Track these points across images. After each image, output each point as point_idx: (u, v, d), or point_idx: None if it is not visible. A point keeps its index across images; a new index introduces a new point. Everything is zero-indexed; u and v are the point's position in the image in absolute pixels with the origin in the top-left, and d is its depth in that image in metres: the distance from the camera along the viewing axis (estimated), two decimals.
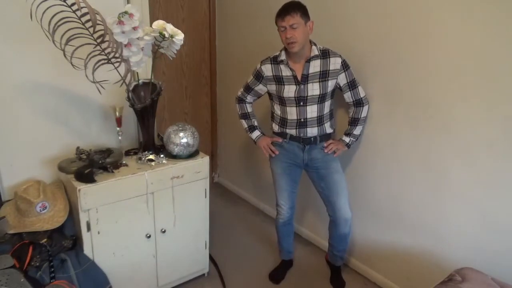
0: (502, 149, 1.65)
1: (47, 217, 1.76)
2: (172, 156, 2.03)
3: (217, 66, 3.28)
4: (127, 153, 2.09)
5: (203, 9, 3.11)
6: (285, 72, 1.98)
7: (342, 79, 2.00)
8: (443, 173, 1.87)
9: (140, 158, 1.99)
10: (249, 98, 2.19)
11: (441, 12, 1.74)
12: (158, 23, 1.69)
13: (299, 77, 1.97)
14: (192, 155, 2.06)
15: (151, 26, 1.71)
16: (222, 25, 3.14)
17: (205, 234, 2.24)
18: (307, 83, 1.96)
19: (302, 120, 2.02)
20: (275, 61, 2.01)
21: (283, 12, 1.85)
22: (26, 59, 1.83)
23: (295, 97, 1.99)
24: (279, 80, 2.01)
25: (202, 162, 2.07)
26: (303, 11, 1.86)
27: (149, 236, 1.99)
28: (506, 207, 1.68)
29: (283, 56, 1.97)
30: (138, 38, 1.70)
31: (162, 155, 2.00)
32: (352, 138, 2.11)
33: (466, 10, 1.66)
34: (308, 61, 1.95)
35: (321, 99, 1.99)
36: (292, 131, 2.07)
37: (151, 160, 1.97)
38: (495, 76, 1.62)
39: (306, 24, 1.88)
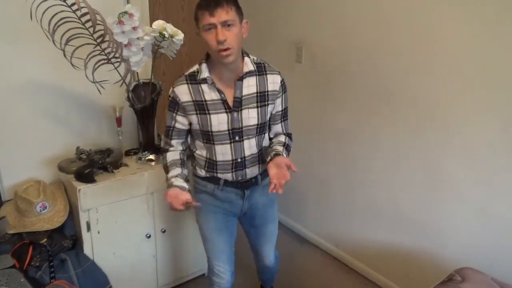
0: (502, 149, 1.65)
1: (47, 217, 1.76)
2: None
3: None
4: (127, 153, 2.09)
5: None
6: (209, 95, 1.41)
7: (277, 105, 1.52)
8: (443, 173, 1.87)
9: (140, 158, 1.99)
10: (174, 144, 1.53)
11: (441, 12, 1.74)
12: (158, 23, 1.69)
13: (230, 102, 1.42)
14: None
15: (151, 26, 1.71)
16: None
17: None
18: (241, 110, 1.43)
19: (239, 160, 1.49)
20: (192, 80, 1.41)
21: (212, 2, 1.27)
22: (26, 59, 1.83)
23: (228, 130, 1.44)
24: (201, 107, 1.41)
25: None
26: (237, 5, 1.33)
27: (149, 236, 1.99)
28: (506, 207, 1.68)
29: (205, 73, 1.39)
30: (138, 38, 1.70)
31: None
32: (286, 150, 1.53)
33: (466, 10, 1.66)
34: (241, 79, 1.42)
35: (260, 130, 1.50)
36: (226, 175, 1.52)
37: (151, 160, 1.97)
38: (495, 76, 1.62)
39: (241, 23, 1.35)
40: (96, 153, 1.90)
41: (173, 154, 1.53)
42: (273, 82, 1.48)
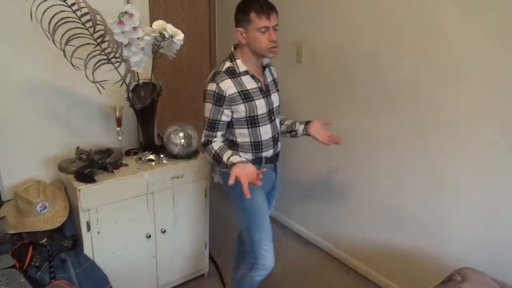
0: (502, 149, 1.65)
1: (47, 217, 1.76)
2: (172, 156, 2.03)
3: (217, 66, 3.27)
4: (127, 153, 2.09)
5: (203, 9, 3.11)
6: (250, 85, 1.65)
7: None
8: (443, 173, 1.87)
9: (140, 158, 1.99)
10: (219, 136, 1.68)
11: (442, 12, 1.74)
12: (158, 23, 1.69)
13: (263, 88, 1.69)
14: (192, 155, 2.06)
15: (151, 26, 1.71)
16: (222, 25, 3.14)
17: (205, 234, 2.24)
18: (270, 94, 1.73)
19: (275, 136, 1.76)
20: (231, 74, 1.62)
21: (269, 8, 1.55)
22: (26, 59, 1.83)
23: (267, 112, 1.70)
24: (247, 96, 1.63)
25: (202, 162, 2.07)
26: None
27: (149, 236, 1.99)
28: (506, 207, 1.68)
29: (243, 67, 1.64)
30: (138, 38, 1.70)
31: (162, 155, 2.00)
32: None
33: (466, 11, 1.66)
34: (264, 69, 1.73)
35: (279, 110, 1.81)
36: (269, 152, 1.75)
37: (151, 160, 1.97)
38: (495, 76, 1.62)
39: None
40: (96, 153, 1.90)
41: (217, 143, 1.66)
42: (275, 71, 1.81)
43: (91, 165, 1.82)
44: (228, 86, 1.59)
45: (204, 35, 3.18)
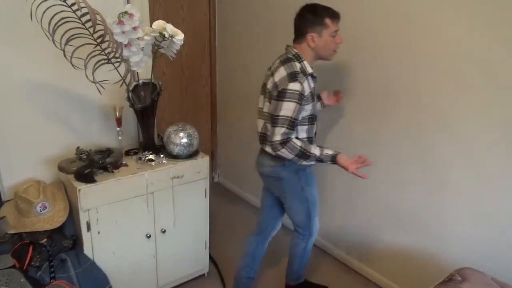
0: (501, 149, 1.65)
1: (47, 217, 1.76)
2: (172, 156, 2.03)
3: (217, 66, 3.28)
4: (127, 153, 2.09)
5: (203, 9, 3.11)
6: (312, 85, 1.75)
7: None
8: (443, 173, 1.87)
9: (140, 158, 1.99)
10: (294, 133, 1.74)
11: (441, 12, 1.74)
12: (158, 23, 1.69)
13: None
14: (192, 155, 2.06)
15: (151, 26, 1.71)
16: (222, 25, 3.14)
17: (205, 234, 2.24)
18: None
19: (315, 132, 1.91)
20: (305, 75, 1.70)
21: (339, 15, 1.70)
22: (26, 59, 1.83)
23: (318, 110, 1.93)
24: (312, 95, 1.76)
25: (202, 162, 2.07)
26: None
27: (149, 236, 1.99)
28: (506, 207, 1.68)
29: (309, 68, 1.73)
30: (138, 38, 1.70)
31: (162, 155, 2.00)
32: None
33: (466, 11, 1.66)
34: None
35: None
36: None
37: (151, 160, 1.97)
38: (495, 76, 1.62)
39: None
40: (96, 153, 1.90)
41: (296, 140, 1.72)
42: None
43: (91, 165, 1.82)
44: (306, 86, 1.69)
45: (204, 35, 3.18)
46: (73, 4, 1.52)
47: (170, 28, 1.69)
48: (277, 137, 1.67)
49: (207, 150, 3.47)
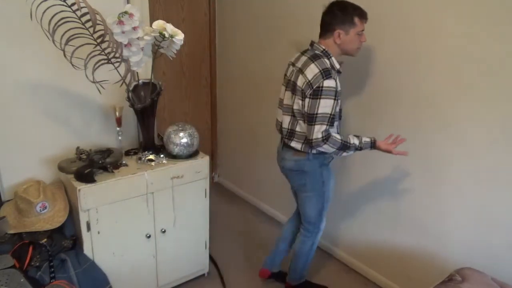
0: (502, 149, 1.65)
1: (47, 217, 1.76)
2: (172, 156, 2.03)
3: (217, 66, 3.28)
4: (127, 153, 2.09)
5: (203, 9, 3.11)
6: (339, 80, 1.76)
7: None
8: (443, 173, 1.87)
9: (140, 158, 1.99)
10: (334, 128, 1.80)
11: (442, 11, 1.74)
12: (158, 23, 1.69)
13: None
14: (192, 155, 2.06)
15: (151, 26, 1.71)
16: (222, 25, 3.14)
17: (205, 234, 2.24)
18: None
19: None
20: (334, 70, 1.72)
21: (367, 15, 1.72)
22: (26, 59, 1.83)
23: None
24: (341, 92, 1.77)
25: (202, 162, 2.07)
26: None
27: (149, 236, 1.99)
28: (506, 206, 1.68)
29: (337, 65, 1.75)
30: (138, 38, 1.70)
31: (162, 155, 2.00)
32: None
33: (466, 10, 1.66)
34: None
35: None
36: None
37: (151, 160, 1.97)
38: (495, 75, 1.62)
39: None
40: (96, 153, 1.90)
41: (335, 134, 1.75)
42: None
43: (91, 165, 1.82)
44: (339, 82, 1.71)
45: (204, 35, 3.18)
46: (73, 4, 1.52)
47: (170, 28, 1.69)
48: (319, 135, 1.69)
49: (207, 150, 3.46)
